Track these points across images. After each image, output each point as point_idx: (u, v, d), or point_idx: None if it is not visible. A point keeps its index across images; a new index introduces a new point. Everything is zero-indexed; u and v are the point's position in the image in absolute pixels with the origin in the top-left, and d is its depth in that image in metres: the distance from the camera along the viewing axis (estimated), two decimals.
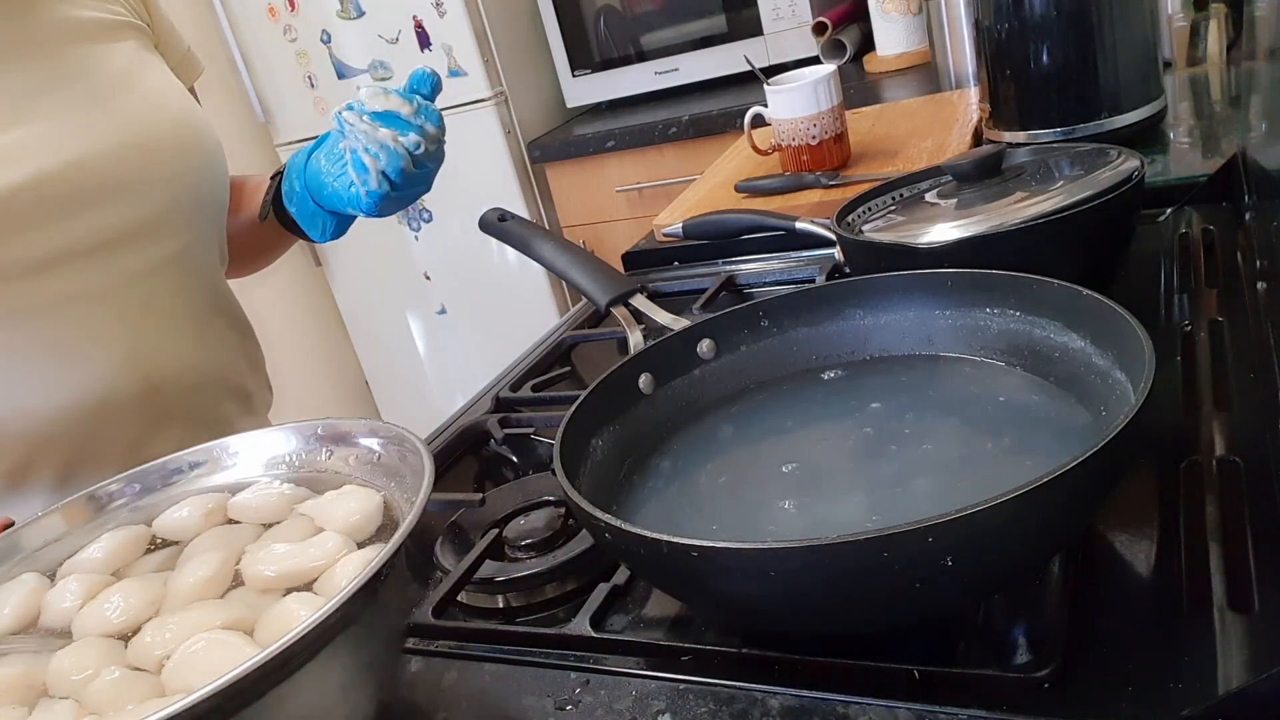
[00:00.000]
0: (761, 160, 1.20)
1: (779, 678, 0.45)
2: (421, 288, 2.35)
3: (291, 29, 2.19)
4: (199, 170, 0.78)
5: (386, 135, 0.71)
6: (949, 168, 0.73)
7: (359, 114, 0.72)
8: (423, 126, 0.72)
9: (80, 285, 0.70)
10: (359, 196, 0.74)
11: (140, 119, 0.74)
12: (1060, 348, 0.55)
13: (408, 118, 0.72)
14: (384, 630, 0.43)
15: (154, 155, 0.74)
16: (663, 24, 2.06)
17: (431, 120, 0.73)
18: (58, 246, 0.69)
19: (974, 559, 0.39)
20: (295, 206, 0.80)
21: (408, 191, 0.75)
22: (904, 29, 1.79)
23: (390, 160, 0.72)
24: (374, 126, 0.72)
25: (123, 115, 0.74)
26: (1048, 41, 0.95)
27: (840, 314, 0.64)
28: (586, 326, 0.96)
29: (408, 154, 0.72)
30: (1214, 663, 0.39)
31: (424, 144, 0.73)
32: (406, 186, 0.74)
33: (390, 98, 0.72)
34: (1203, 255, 0.74)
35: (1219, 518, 0.47)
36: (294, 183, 0.80)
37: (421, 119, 0.73)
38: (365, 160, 0.72)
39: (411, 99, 0.72)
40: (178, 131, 0.77)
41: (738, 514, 0.54)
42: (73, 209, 0.69)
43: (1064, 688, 0.40)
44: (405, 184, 0.74)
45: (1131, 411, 0.40)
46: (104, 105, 0.73)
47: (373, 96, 0.72)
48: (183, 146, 0.77)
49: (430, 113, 0.73)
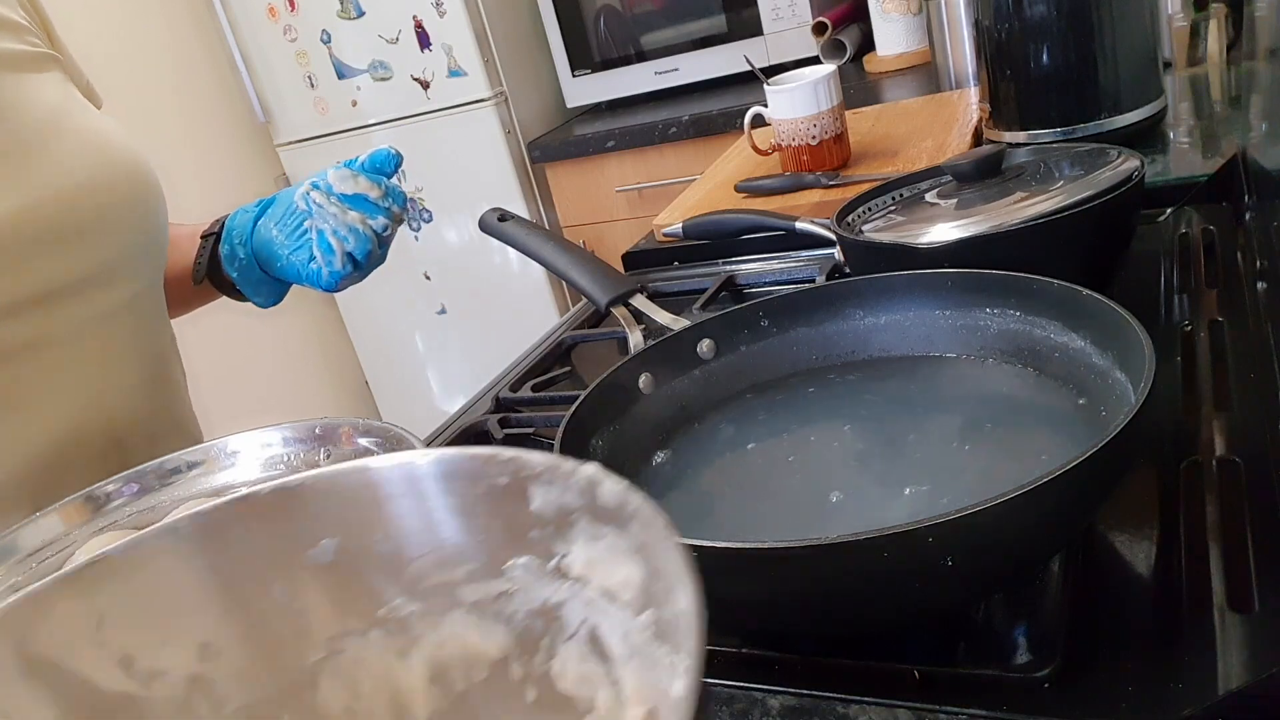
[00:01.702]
0: (761, 160, 1.20)
1: (779, 678, 0.45)
2: (421, 288, 2.35)
3: (291, 29, 2.19)
4: (147, 214, 0.74)
5: (356, 219, 0.71)
6: (949, 168, 0.73)
7: (327, 195, 0.72)
8: (390, 209, 0.73)
9: (34, 335, 0.66)
10: (319, 274, 0.74)
11: (84, 161, 0.70)
12: (1060, 348, 0.55)
13: (376, 201, 0.72)
14: None
15: (104, 200, 0.70)
16: (663, 24, 2.06)
17: (398, 202, 0.73)
18: (9, 297, 0.64)
19: (974, 559, 0.39)
20: (238, 272, 0.79)
21: (368, 269, 0.75)
22: (904, 29, 1.79)
23: (359, 243, 0.72)
24: (343, 209, 0.71)
25: (66, 158, 0.69)
26: (1048, 41, 0.95)
27: (840, 314, 0.64)
28: (586, 326, 0.96)
29: (375, 236, 0.72)
30: (1214, 663, 0.39)
31: (391, 227, 0.73)
32: (369, 265, 0.74)
33: (359, 180, 0.71)
34: (1203, 255, 0.74)
35: (1219, 518, 0.47)
36: (236, 248, 0.78)
37: (389, 202, 0.72)
38: (333, 242, 0.72)
39: (380, 182, 0.72)
40: (125, 174, 0.73)
41: (738, 514, 0.54)
42: (23, 257, 0.65)
43: (1064, 688, 0.40)
44: (368, 263, 0.74)
45: (1131, 411, 0.40)
46: (45, 146, 0.68)
47: (342, 179, 0.72)
48: (131, 189, 0.73)
49: (397, 194, 0.73)
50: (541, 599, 0.36)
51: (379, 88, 2.17)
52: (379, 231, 0.72)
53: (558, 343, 0.92)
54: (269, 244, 0.76)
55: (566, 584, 0.35)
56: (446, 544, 0.37)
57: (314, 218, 0.72)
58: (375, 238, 0.72)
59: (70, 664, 0.34)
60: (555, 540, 0.35)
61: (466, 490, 0.35)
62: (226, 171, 2.28)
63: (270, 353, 2.40)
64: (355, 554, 0.37)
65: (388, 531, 0.36)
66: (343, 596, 0.37)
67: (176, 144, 2.19)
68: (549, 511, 0.34)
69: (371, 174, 0.72)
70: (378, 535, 0.36)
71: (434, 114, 2.14)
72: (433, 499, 0.36)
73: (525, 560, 0.36)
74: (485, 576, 0.37)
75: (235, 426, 0.61)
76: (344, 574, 0.37)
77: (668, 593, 0.30)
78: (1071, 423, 0.52)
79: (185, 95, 2.26)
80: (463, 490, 0.36)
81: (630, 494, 0.32)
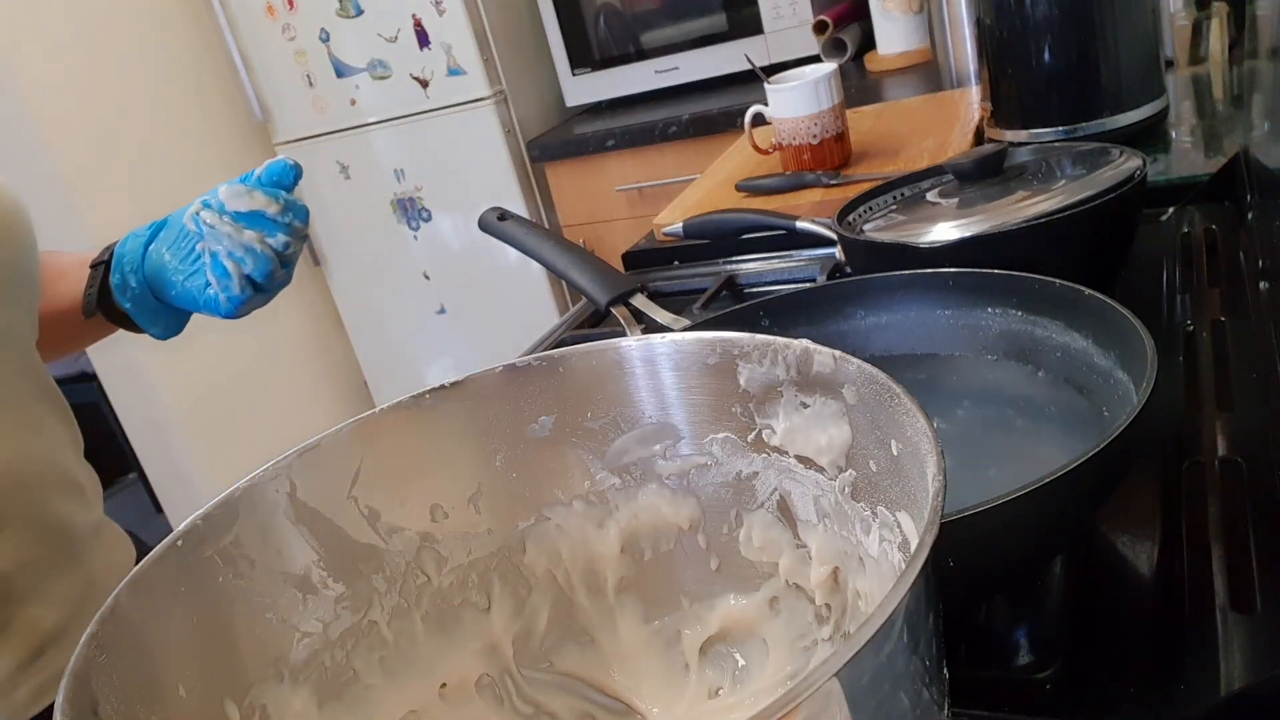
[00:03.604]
0: (762, 159, 1.20)
1: None
2: (421, 288, 2.35)
3: (290, 28, 2.19)
4: (12, 246, 0.67)
5: (252, 238, 0.67)
6: (950, 167, 0.73)
7: (219, 214, 0.67)
8: (290, 225, 0.68)
9: None
10: (217, 300, 0.69)
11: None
12: (1062, 347, 0.55)
13: (274, 216, 0.67)
14: None
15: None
16: (663, 23, 2.06)
17: (299, 217, 0.68)
18: None
19: (975, 559, 0.39)
20: (131, 303, 0.73)
21: (272, 292, 0.71)
22: (905, 27, 1.79)
23: (257, 264, 0.67)
24: (238, 229, 0.67)
25: None
26: (1049, 40, 0.95)
27: (841, 313, 0.64)
28: (586, 326, 0.96)
29: (275, 255, 0.68)
30: (1216, 663, 0.39)
31: (292, 244, 0.68)
32: (271, 287, 0.70)
33: (255, 195, 0.66)
34: (1205, 255, 0.74)
35: (1221, 518, 0.47)
36: (128, 276, 0.72)
37: (289, 217, 0.68)
38: (228, 265, 0.67)
39: (278, 196, 0.67)
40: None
41: None
42: None
43: (1066, 688, 0.40)
44: (270, 285, 0.69)
45: (1134, 412, 0.40)
46: None
47: (235, 195, 0.67)
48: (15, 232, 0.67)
49: (298, 209, 0.68)
50: (735, 471, 0.41)
51: (378, 86, 2.17)
52: (279, 250, 0.68)
53: (557, 343, 0.92)
54: (161, 270, 0.71)
55: (762, 456, 0.40)
56: (653, 420, 0.41)
57: (206, 239, 0.67)
58: (276, 257, 0.68)
59: (329, 513, 0.39)
60: (758, 414, 0.39)
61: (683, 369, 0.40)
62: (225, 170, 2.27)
63: (269, 353, 2.40)
64: (567, 430, 0.42)
65: (603, 408, 0.41)
66: (553, 469, 0.42)
67: (174, 142, 2.19)
68: (755, 387, 0.38)
69: (268, 188, 0.67)
70: (588, 413, 0.41)
71: (433, 113, 2.14)
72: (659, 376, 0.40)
73: (724, 435, 0.40)
74: (685, 452, 0.41)
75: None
76: (556, 448, 0.42)
77: (883, 442, 0.33)
78: (1073, 423, 0.52)
79: (183, 93, 2.25)
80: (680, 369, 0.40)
81: (846, 359, 0.35)
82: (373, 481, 0.40)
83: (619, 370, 0.41)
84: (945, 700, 0.28)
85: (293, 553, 0.39)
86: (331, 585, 0.39)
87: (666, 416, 0.41)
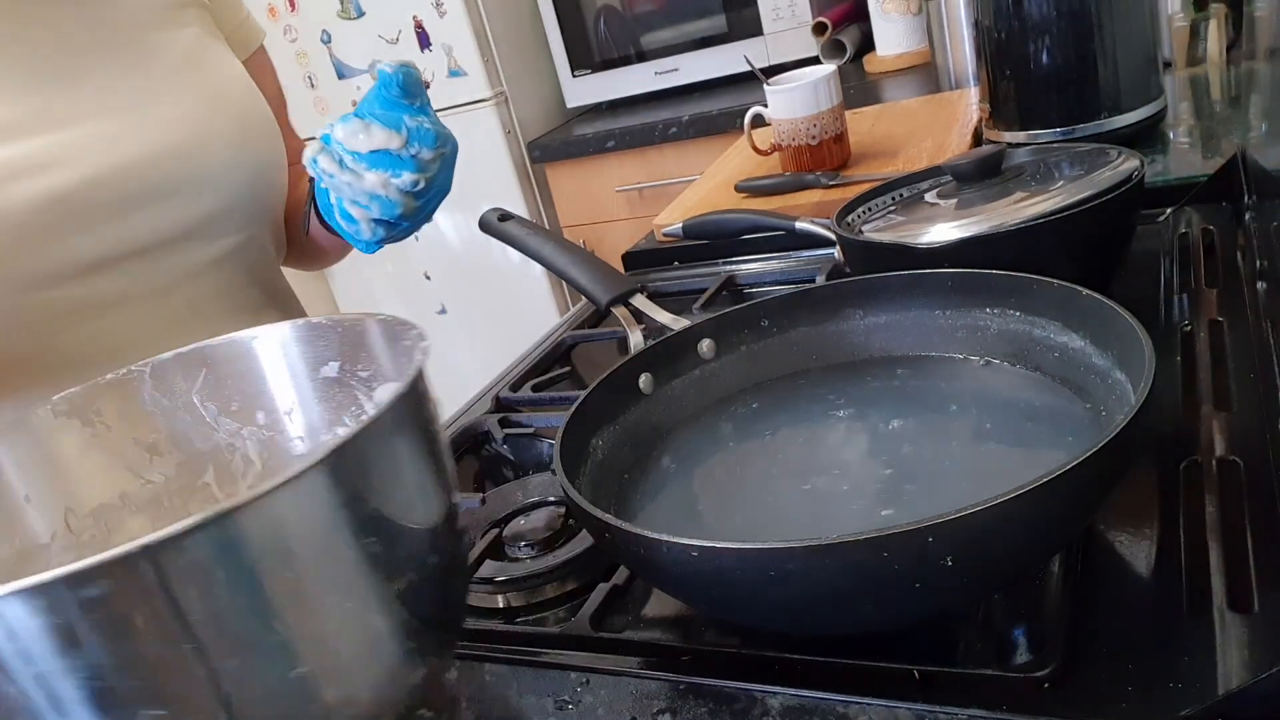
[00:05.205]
0: (761, 160, 1.20)
1: (779, 678, 0.45)
2: (421, 288, 2.35)
3: (291, 29, 2.19)
4: (257, 166, 0.73)
5: (375, 182, 0.60)
6: (949, 168, 0.73)
7: (335, 159, 0.60)
8: (418, 157, 0.60)
9: (130, 286, 0.68)
10: (357, 239, 0.66)
11: (198, 114, 0.71)
12: (1060, 348, 0.55)
13: (398, 152, 0.59)
14: None
15: (211, 154, 0.70)
16: (663, 24, 2.06)
17: (427, 143, 0.60)
18: (107, 249, 0.66)
19: (974, 559, 0.39)
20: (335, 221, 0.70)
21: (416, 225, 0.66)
22: (904, 29, 1.79)
23: (384, 209, 0.61)
24: (358, 174, 0.60)
25: (180, 110, 0.70)
26: (1048, 41, 0.95)
27: (840, 314, 0.64)
28: (586, 326, 0.96)
29: (404, 195, 0.61)
30: (1214, 663, 0.39)
31: (421, 180, 0.61)
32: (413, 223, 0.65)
33: (373, 131, 0.59)
34: (1202, 255, 0.74)
35: (1219, 518, 0.47)
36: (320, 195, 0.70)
37: (415, 147, 0.60)
38: (353, 212, 0.62)
39: (399, 126, 0.59)
40: (238, 126, 0.72)
41: (738, 514, 0.54)
42: (124, 210, 0.67)
43: (1064, 688, 0.40)
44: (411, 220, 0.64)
45: (1131, 411, 0.40)
46: (161, 101, 0.69)
47: (351, 134, 0.59)
48: (242, 142, 0.72)
49: (424, 134, 0.60)
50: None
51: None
52: (407, 189, 0.61)
53: (558, 343, 0.92)
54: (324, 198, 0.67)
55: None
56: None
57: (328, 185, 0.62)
58: (405, 198, 0.61)
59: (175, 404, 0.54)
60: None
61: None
62: None
63: None
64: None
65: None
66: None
67: None
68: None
69: (387, 116, 0.59)
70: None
71: None
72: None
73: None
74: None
75: None
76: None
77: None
78: (1071, 423, 0.52)
79: None
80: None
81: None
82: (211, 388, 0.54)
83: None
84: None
85: (143, 428, 0.53)
86: (172, 453, 0.53)
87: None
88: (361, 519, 0.36)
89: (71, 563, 0.30)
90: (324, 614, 0.35)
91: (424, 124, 0.60)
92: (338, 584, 0.35)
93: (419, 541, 0.39)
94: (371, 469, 0.36)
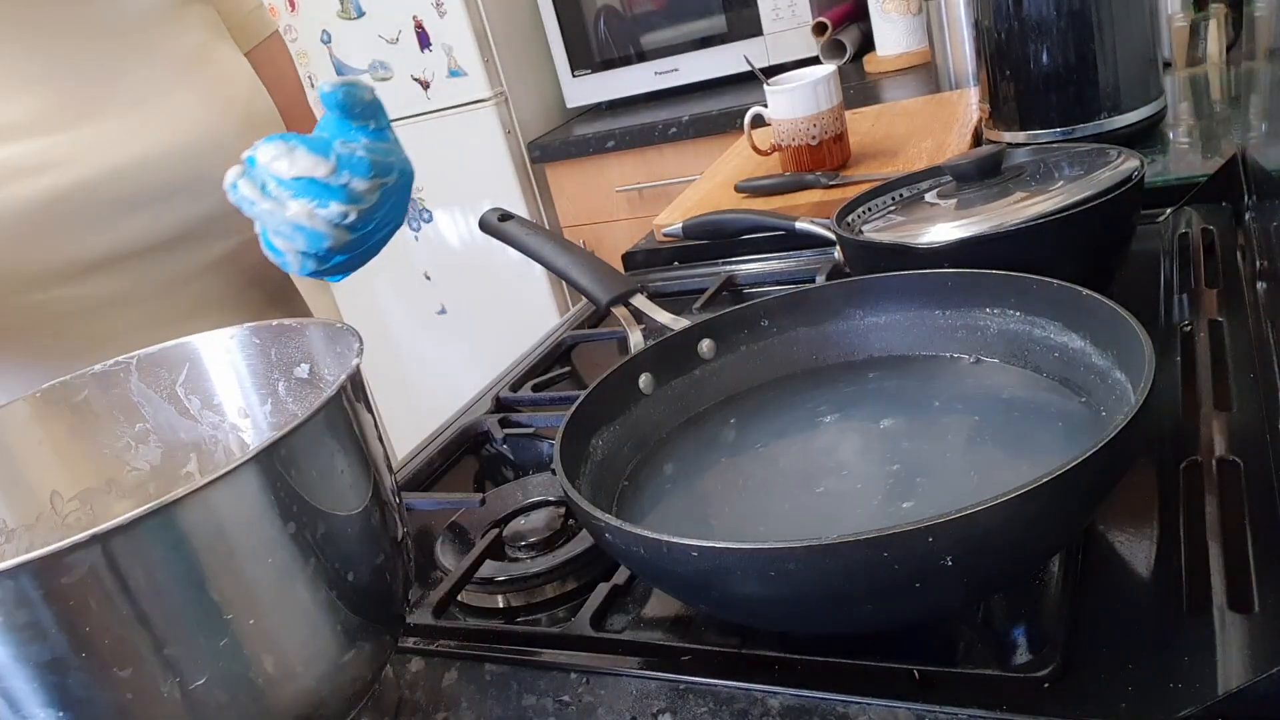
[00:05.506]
0: (761, 160, 1.20)
1: (779, 678, 0.45)
2: (421, 288, 2.35)
3: (292, 29, 2.19)
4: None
5: (299, 211, 0.54)
6: (949, 168, 0.73)
7: (258, 184, 0.55)
8: (348, 187, 0.54)
9: (131, 286, 0.68)
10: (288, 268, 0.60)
11: (201, 114, 0.70)
12: (1060, 348, 0.55)
13: (326, 180, 0.54)
14: None
15: (213, 155, 0.69)
16: (663, 24, 2.06)
17: (359, 172, 0.54)
18: (109, 248, 0.66)
19: (974, 559, 0.39)
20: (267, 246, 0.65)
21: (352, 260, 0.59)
22: (904, 29, 1.79)
23: (310, 241, 0.55)
24: (279, 202, 0.54)
25: (183, 111, 0.70)
26: (1047, 42, 0.95)
27: (840, 314, 0.64)
28: (586, 326, 0.96)
29: (333, 228, 0.55)
30: (1214, 662, 0.39)
31: (351, 212, 0.54)
32: (345, 256, 0.58)
33: (297, 156, 0.53)
34: (1202, 255, 0.74)
35: (1219, 518, 0.47)
36: None
37: (345, 175, 0.54)
38: (277, 244, 0.57)
39: (329, 151, 0.53)
40: (241, 126, 0.72)
41: (738, 514, 0.54)
42: (125, 210, 0.67)
43: (1064, 687, 0.40)
44: (347, 253, 0.57)
45: (1131, 411, 0.40)
46: (164, 101, 0.69)
47: (274, 156, 0.54)
48: (245, 142, 0.68)
49: (357, 162, 0.54)
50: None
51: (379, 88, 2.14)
52: (335, 221, 0.54)
53: (558, 343, 0.92)
54: None
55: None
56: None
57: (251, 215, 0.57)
58: (333, 230, 0.55)
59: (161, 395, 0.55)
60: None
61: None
62: None
63: None
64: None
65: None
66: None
67: None
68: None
69: (315, 140, 0.53)
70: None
71: (434, 114, 2.14)
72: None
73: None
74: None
75: None
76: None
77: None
78: (1071, 423, 0.52)
79: None
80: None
81: None
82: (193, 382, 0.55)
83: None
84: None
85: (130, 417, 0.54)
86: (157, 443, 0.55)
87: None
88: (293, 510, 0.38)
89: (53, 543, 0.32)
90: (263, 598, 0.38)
91: (357, 151, 0.54)
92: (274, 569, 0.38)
93: (352, 530, 0.41)
94: (302, 465, 0.38)
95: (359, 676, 0.43)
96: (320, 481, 0.39)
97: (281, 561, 0.38)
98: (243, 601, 0.37)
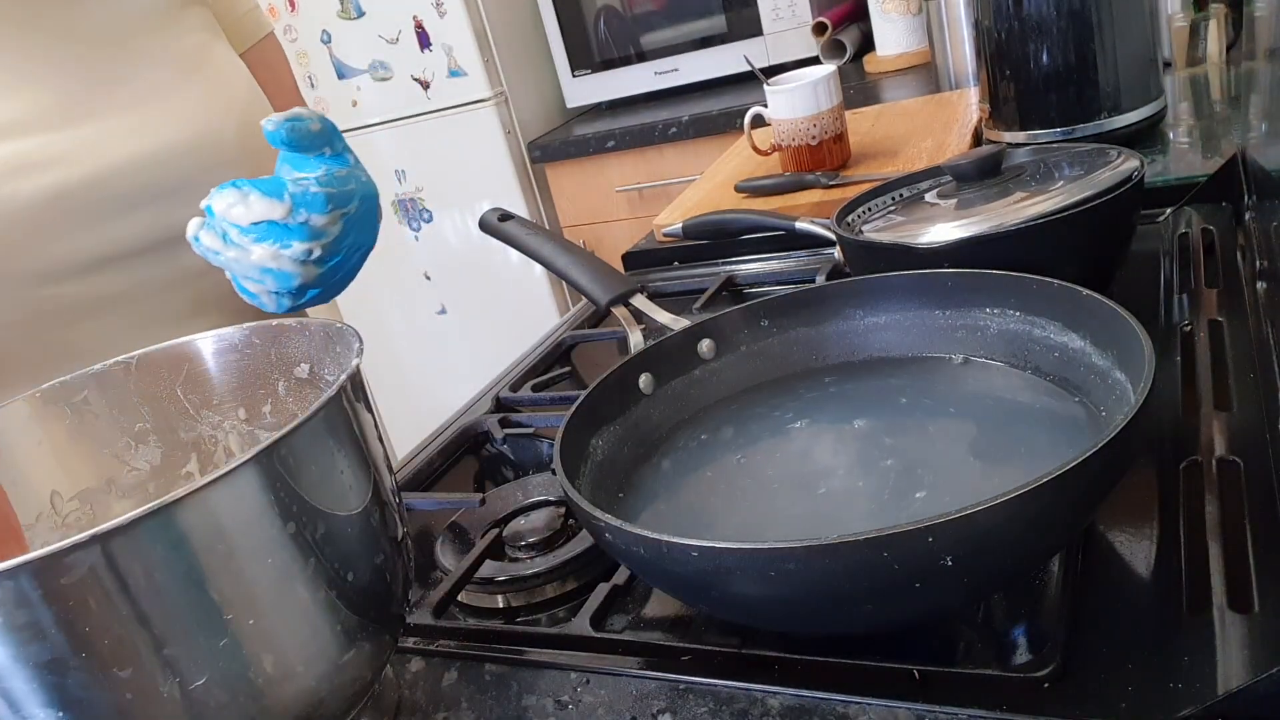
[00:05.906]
0: (761, 160, 1.20)
1: (779, 678, 0.45)
2: (421, 288, 2.35)
3: (292, 29, 2.19)
4: (259, 166, 0.70)
5: (264, 255, 0.56)
6: (949, 168, 0.73)
7: (219, 234, 0.57)
8: (308, 224, 0.56)
9: (132, 285, 0.69)
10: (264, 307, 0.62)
11: (201, 114, 0.71)
12: (1060, 348, 0.55)
13: (284, 220, 0.55)
14: None
15: (213, 154, 0.70)
16: (663, 24, 2.06)
17: (316, 208, 0.55)
18: (110, 246, 0.67)
19: (974, 559, 0.39)
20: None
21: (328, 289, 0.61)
22: (904, 29, 1.79)
23: (280, 281, 0.57)
24: (243, 249, 0.56)
25: (183, 110, 0.70)
26: (1047, 42, 0.95)
27: (840, 314, 0.64)
28: (586, 326, 0.96)
29: (301, 265, 0.57)
30: (1214, 662, 0.39)
31: (315, 248, 0.56)
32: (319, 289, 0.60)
33: (252, 202, 0.55)
34: (1202, 255, 0.74)
35: (1219, 518, 0.47)
36: None
37: (303, 213, 0.55)
38: (249, 287, 0.59)
39: (281, 193, 0.55)
40: (241, 126, 0.73)
41: (738, 514, 0.54)
42: (127, 209, 0.67)
43: (1064, 687, 0.40)
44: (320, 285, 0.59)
45: (1131, 411, 0.40)
46: (164, 100, 0.70)
47: (228, 206, 0.55)
48: (243, 143, 0.73)
49: (311, 199, 0.55)
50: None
51: (379, 88, 2.17)
52: (301, 259, 0.56)
53: (558, 343, 0.92)
54: None
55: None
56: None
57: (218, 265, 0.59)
58: (299, 267, 0.57)
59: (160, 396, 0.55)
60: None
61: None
62: None
63: None
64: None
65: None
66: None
67: None
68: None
69: (268, 181, 0.55)
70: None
71: (434, 114, 2.14)
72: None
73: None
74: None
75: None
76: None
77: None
78: (1071, 423, 0.52)
79: None
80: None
81: None
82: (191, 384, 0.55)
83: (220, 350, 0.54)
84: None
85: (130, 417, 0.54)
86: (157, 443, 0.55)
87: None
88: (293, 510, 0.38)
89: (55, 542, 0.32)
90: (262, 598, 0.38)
91: (310, 187, 0.56)
92: (274, 569, 0.38)
93: (351, 530, 0.41)
94: (301, 465, 0.38)
95: (359, 676, 0.43)
96: (320, 481, 0.39)
97: (281, 561, 0.38)
98: (242, 601, 0.37)
